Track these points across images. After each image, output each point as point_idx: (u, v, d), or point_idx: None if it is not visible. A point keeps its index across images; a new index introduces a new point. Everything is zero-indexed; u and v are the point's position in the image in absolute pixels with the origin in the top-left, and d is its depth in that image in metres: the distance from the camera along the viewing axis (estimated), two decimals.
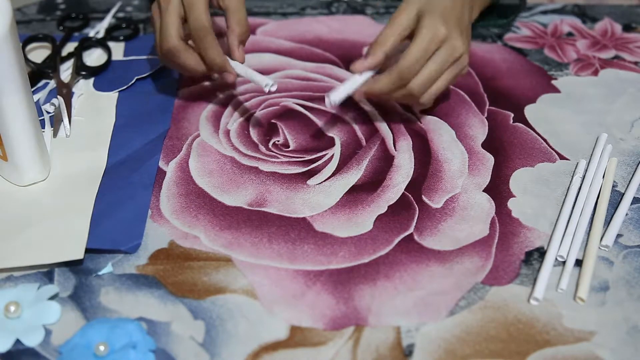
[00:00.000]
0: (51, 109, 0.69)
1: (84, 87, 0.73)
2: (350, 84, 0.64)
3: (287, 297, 0.53)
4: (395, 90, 0.64)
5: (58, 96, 0.69)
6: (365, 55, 0.65)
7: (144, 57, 0.78)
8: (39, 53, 0.78)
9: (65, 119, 0.67)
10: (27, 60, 0.74)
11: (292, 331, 0.51)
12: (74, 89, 0.73)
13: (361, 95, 0.65)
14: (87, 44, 0.79)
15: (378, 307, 0.52)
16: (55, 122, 0.68)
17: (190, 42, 0.66)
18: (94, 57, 0.78)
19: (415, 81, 0.63)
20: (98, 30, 0.83)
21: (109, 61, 0.77)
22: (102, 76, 0.75)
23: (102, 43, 0.79)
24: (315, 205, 0.60)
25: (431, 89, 0.64)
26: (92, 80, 0.75)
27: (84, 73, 0.74)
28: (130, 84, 0.73)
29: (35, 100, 0.70)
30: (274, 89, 0.61)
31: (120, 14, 0.87)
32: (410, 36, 0.64)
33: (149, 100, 0.72)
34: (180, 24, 0.63)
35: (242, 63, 0.65)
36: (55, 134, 0.67)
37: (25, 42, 0.77)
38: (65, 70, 0.75)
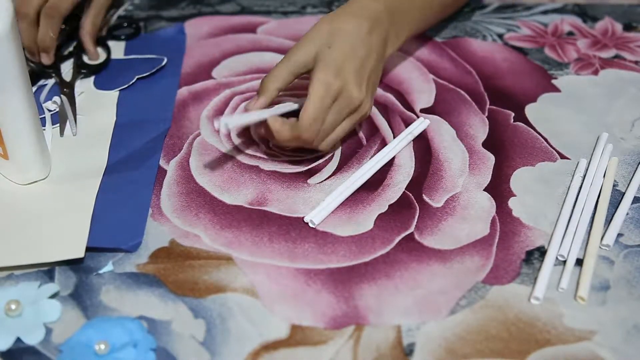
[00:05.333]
0: (52, 107, 0.69)
1: (84, 86, 0.73)
2: (247, 117, 0.60)
3: (288, 296, 0.53)
4: (295, 142, 0.61)
5: (61, 95, 0.70)
6: (259, 92, 0.61)
7: (145, 56, 0.77)
8: None
9: (71, 117, 0.67)
10: (27, 60, 0.74)
11: (293, 330, 0.51)
12: (81, 88, 0.73)
13: (261, 136, 0.63)
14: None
15: (379, 306, 0.52)
16: (61, 121, 0.68)
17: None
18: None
19: (320, 143, 0.61)
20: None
21: (108, 59, 0.77)
22: (102, 75, 0.75)
23: (100, 42, 0.79)
24: (315, 204, 0.60)
25: (329, 137, 0.62)
26: (92, 78, 0.75)
27: (84, 72, 0.74)
28: (131, 82, 0.73)
29: (37, 96, 0.70)
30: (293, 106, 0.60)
31: (121, 13, 0.86)
32: (306, 72, 0.62)
33: (149, 99, 0.72)
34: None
35: (97, 58, 0.75)
36: (61, 133, 0.67)
37: None
38: (66, 69, 0.75)
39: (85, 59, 0.77)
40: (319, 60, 0.60)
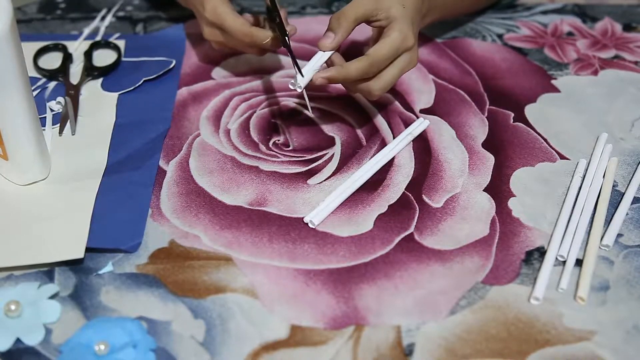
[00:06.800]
0: (56, 107, 0.69)
1: (90, 87, 0.73)
2: (313, 64, 0.62)
3: (288, 296, 0.53)
4: (361, 81, 0.63)
5: (66, 97, 0.70)
6: (331, 30, 0.63)
7: (154, 58, 0.77)
8: (51, 58, 0.77)
9: (72, 119, 0.68)
10: (39, 68, 0.74)
11: (293, 330, 0.51)
12: (83, 90, 0.72)
13: (324, 81, 0.62)
14: (97, 45, 0.79)
15: (378, 306, 0.52)
16: (62, 120, 0.68)
17: None
18: (103, 58, 0.77)
19: (378, 83, 0.63)
20: (97, 27, 0.83)
21: (118, 61, 0.76)
22: (110, 77, 0.75)
23: (110, 44, 0.79)
24: (315, 204, 0.60)
25: (384, 83, 0.64)
26: (100, 80, 0.74)
27: (95, 73, 0.74)
28: (137, 85, 0.73)
29: (41, 96, 0.71)
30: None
31: (121, 14, 0.87)
32: (366, 20, 0.64)
33: (149, 100, 0.72)
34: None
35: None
36: (60, 132, 0.67)
37: (38, 52, 0.77)
38: (74, 71, 0.75)
39: (95, 61, 0.76)
40: (398, 16, 0.63)
